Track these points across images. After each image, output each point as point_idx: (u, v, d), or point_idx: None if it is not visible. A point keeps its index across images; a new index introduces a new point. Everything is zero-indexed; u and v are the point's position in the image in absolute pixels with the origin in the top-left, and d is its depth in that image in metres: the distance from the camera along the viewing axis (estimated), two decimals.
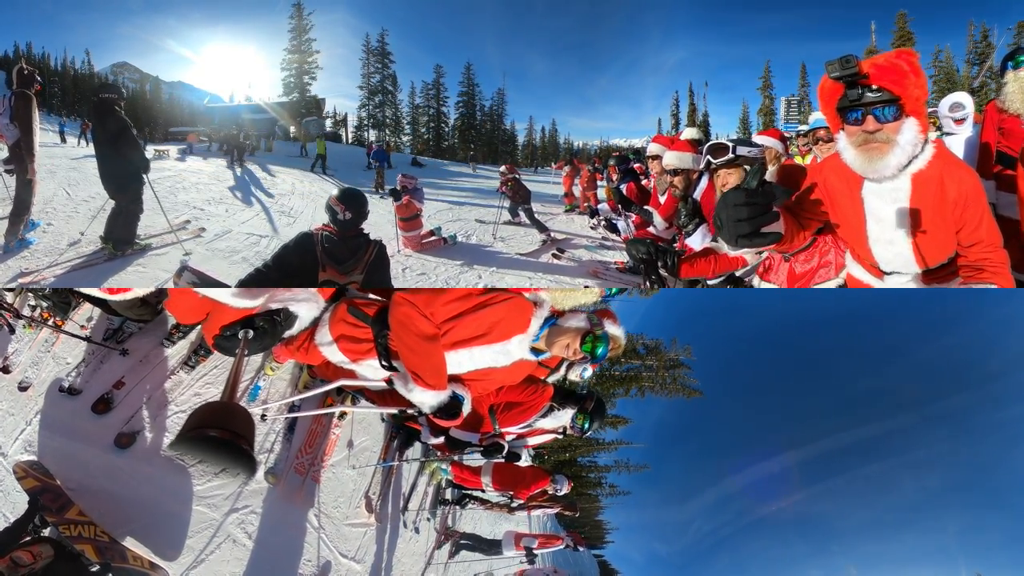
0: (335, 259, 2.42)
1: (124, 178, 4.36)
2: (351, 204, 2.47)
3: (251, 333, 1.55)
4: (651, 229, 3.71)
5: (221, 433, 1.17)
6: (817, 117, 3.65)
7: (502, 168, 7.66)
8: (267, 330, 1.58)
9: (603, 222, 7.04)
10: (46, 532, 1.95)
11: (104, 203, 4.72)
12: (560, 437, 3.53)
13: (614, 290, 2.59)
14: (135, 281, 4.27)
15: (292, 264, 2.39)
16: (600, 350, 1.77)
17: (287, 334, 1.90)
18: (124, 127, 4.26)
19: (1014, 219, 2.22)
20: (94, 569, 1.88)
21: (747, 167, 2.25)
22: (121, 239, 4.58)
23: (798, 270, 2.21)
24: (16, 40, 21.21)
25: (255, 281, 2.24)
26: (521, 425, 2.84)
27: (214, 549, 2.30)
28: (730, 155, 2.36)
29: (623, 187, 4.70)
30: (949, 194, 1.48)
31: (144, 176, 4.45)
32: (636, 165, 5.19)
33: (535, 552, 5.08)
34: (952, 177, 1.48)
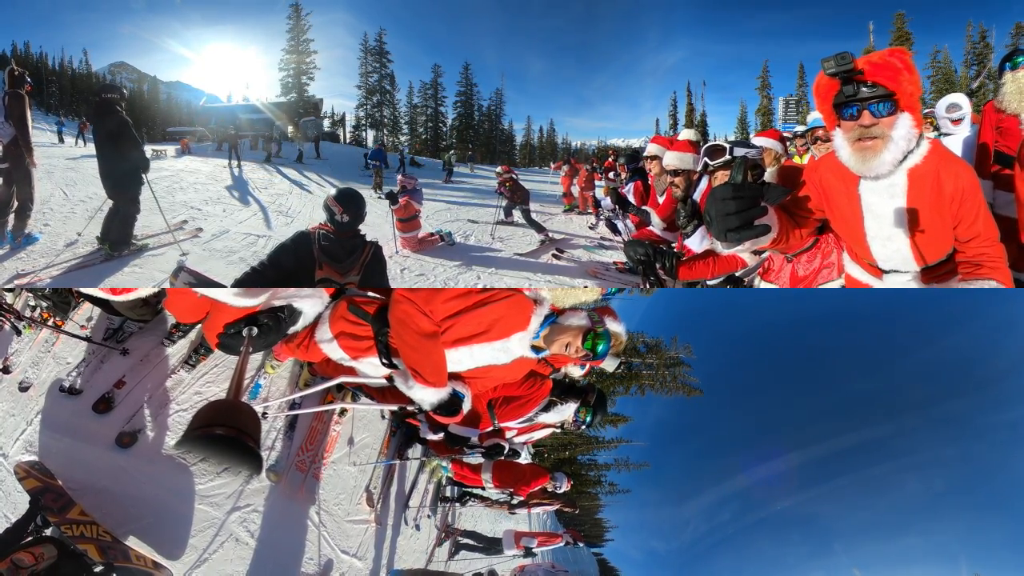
0: (332, 257, 2.42)
1: (123, 178, 4.42)
2: (349, 206, 2.47)
3: (255, 331, 1.55)
4: (652, 228, 3.71)
5: (228, 431, 1.17)
6: (816, 117, 3.67)
7: (498, 168, 7.68)
8: (271, 327, 1.58)
9: (603, 220, 7.04)
10: (48, 532, 1.95)
11: (102, 203, 4.73)
12: (559, 432, 3.54)
13: (613, 289, 2.60)
14: (132, 281, 4.29)
15: (288, 263, 2.39)
16: (601, 347, 1.77)
17: (291, 331, 1.90)
18: (126, 127, 4.34)
19: (1012, 218, 2.23)
20: (98, 569, 1.88)
21: None
22: (118, 239, 4.65)
23: (800, 272, 2.21)
24: (14, 39, 21.11)
25: (251, 280, 2.25)
26: (520, 419, 2.85)
27: (217, 548, 2.31)
28: (727, 156, 2.37)
29: (631, 185, 4.68)
30: (946, 189, 1.49)
31: (143, 176, 4.50)
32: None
33: (534, 551, 5.10)
34: (948, 172, 1.49)
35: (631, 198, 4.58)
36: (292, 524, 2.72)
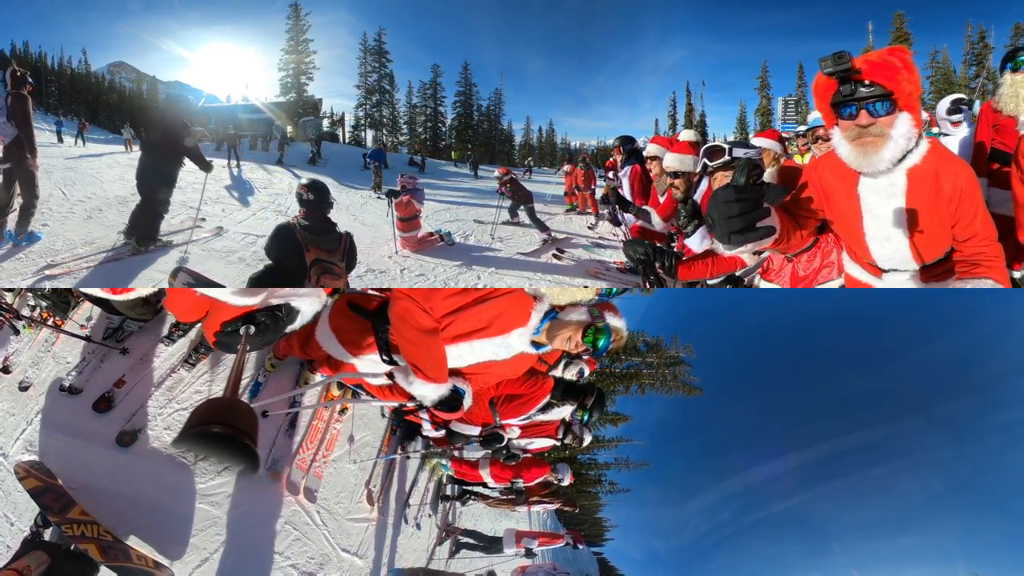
0: (314, 233, 2.72)
1: (168, 181, 4.78)
2: (313, 186, 2.87)
3: (252, 329, 1.54)
4: (649, 226, 3.71)
5: (225, 429, 1.17)
6: (817, 116, 3.67)
7: (496, 173, 7.70)
8: (269, 325, 1.57)
9: (607, 213, 6.98)
10: (48, 533, 1.95)
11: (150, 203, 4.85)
12: (558, 444, 3.57)
13: (613, 290, 2.59)
14: (155, 277, 4.40)
15: (279, 256, 2.61)
16: (602, 342, 1.77)
17: (288, 329, 1.90)
18: (196, 145, 4.86)
19: (1006, 215, 2.23)
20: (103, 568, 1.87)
21: None
22: (146, 235, 4.91)
23: (801, 272, 2.21)
24: (13, 39, 21.07)
25: (258, 283, 2.30)
26: (521, 417, 2.86)
27: (217, 547, 2.31)
28: (726, 157, 2.38)
29: (627, 169, 4.66)
30: (944, 188, 1.49)
31: (205, 174, 4.99)
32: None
33: (535, 551, 5.11)
34: (947, 171, 1.49)
35: (626, 182, 4.56)
36: (292, 522, 2.72)
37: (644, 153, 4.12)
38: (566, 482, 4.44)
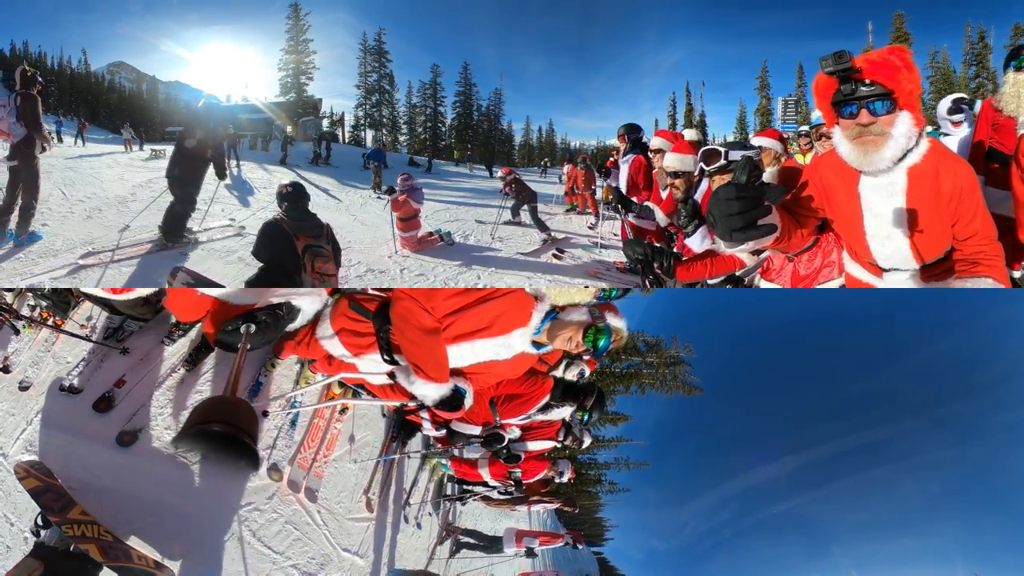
0: (299, 220, 2.97)
1: (193, 182, 5.06)
2: (291, 184, 3.17)
3: (253, 327, 1.55)
4: (657, 219, 3.70)
5: (224, 428, 1.17)
6: (818, 116, 3.66)
7: (500, 173, 7.70)
8: (269, 324, 1.58)
9: (611, 206, 6.98)
10: (47, 534, 1.94)
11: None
12: (558, 447, 3.57)
13: (614, 291, 2.59)
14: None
15: (273, 250, 2.77)
16: (602, 342, 1.78)
17: (289, 328, 1.91)
18: (221, 153, 5.20)
19: (1003, 215, 2.22)
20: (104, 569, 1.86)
21: None
22: (171, 231, 5.16)
23: (802, 271, 2.21)
24: (13, 39, 21.07)
25: (259, 283, 2.32)
26: (521, 417, 2.87)
27: (218, 547, 2.31)
28: (723, 161, 2.37)
29: (630, 156, 4.65)
30: (944, 187, 1.50)
31: (220, 180, 5.35)
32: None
33: (535, 551, 5.11)
34: (947, 170, 1.50)
35: (625, 169, 4.55)
36: (293, 522, 2.72)
37: (650, 148, 4.12)
38: (567, 477, 4.43)
